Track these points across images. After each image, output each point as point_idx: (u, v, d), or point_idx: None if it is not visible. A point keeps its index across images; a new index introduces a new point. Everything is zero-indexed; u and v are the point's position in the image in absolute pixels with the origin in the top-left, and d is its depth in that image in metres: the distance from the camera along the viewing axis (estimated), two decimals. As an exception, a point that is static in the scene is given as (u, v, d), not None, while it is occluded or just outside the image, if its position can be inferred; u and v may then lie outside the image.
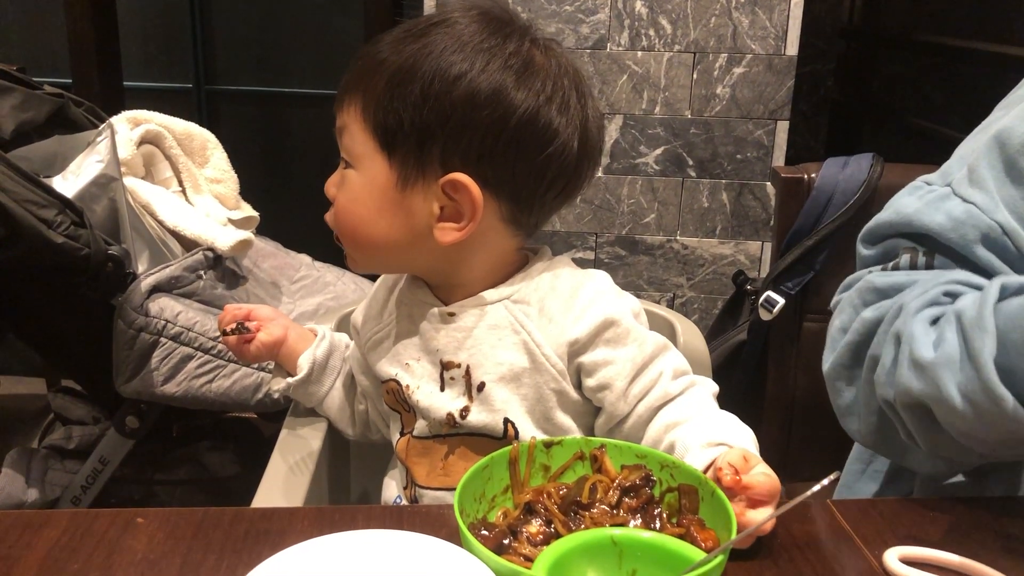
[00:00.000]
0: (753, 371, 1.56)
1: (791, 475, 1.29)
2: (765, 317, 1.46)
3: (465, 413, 0.84)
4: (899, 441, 0.77)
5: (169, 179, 1.76)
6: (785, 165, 2.22)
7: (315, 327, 1.01)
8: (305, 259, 1.99)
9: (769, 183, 2.29)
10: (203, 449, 1.78)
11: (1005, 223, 0.74)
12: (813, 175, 1.42)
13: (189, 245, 1.65)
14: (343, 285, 1.89)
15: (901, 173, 1.42)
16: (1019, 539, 0.67)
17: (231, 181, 1.84)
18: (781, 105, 2.27)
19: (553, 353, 0.82)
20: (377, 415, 0.99)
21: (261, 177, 3.11)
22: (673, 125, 2.30)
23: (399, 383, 0.88)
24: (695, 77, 2.26)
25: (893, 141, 2.12)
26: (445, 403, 0.85)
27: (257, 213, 1.86)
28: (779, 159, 2.30)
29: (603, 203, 2.36)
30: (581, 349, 0.82)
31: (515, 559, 0.60)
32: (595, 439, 0.71)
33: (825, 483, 0.60)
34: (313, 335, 0.99)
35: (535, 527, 0.64)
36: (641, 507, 0.66)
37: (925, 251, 0.79)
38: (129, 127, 1.69)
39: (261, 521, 0.68)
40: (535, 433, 0.83)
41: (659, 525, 0.65)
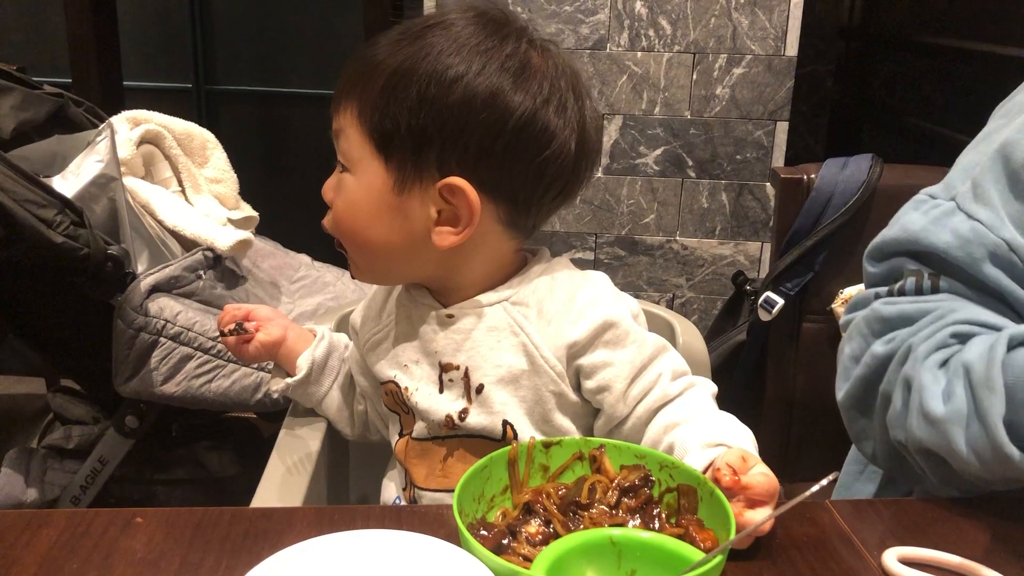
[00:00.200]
0: (752, 371, 1.56)
1: (790, 475, 1.29)
2: (764, 317, 1.46)
3: (464, 415, 0.84)
4: (915, 468, 0.78)
5: (169, 179, 1.76)
6: (784, 166, 2.22)
7: (314, 327, 1.01)
8: (305, 259, 1.99)
9: (769, 184, 2.29)
10: (202, 449, 1.78)
11: (1012, 240, 0.74)
12: (812, 176, 1.43)
13: (189, 245, 1.65)
14: (343, 285, 1.89)
15: (900, 174, 1.42)
16: (1019, 539, 0.68)
17: (231, 181, 1.84)
18: (781, 106, 2.27)
19: (552, 355, 0.82)
20: (376, 416, 0.99)
21: (261, 177, 3.11)
22: (673, 125, 2.30)
23: (398, 385, 0.88)
24: (695, 77, 2.26)
25: (893, 142, 2.12)
26: (444, 405, 0.85)
27: (256, 213, 1.86)
28: (779, 160, 2.31)
29: (603, 203, 2.36)
30: (580, 351, 0.82)
31: (514, 559, 0.60)
32: (594, 439, 0.71)
33: (824, 483, 0.60)
34: (312, 335, 0.99)
35: (534, 527, 0.64)
36: (640, 507, 0.66)
37: (931, 273, 0.79)
38: (129, 127, 1.69)
39: (260, 521, 0.68)
40: (534, 435, 0.83)
41: (658, 525, 0.65)
